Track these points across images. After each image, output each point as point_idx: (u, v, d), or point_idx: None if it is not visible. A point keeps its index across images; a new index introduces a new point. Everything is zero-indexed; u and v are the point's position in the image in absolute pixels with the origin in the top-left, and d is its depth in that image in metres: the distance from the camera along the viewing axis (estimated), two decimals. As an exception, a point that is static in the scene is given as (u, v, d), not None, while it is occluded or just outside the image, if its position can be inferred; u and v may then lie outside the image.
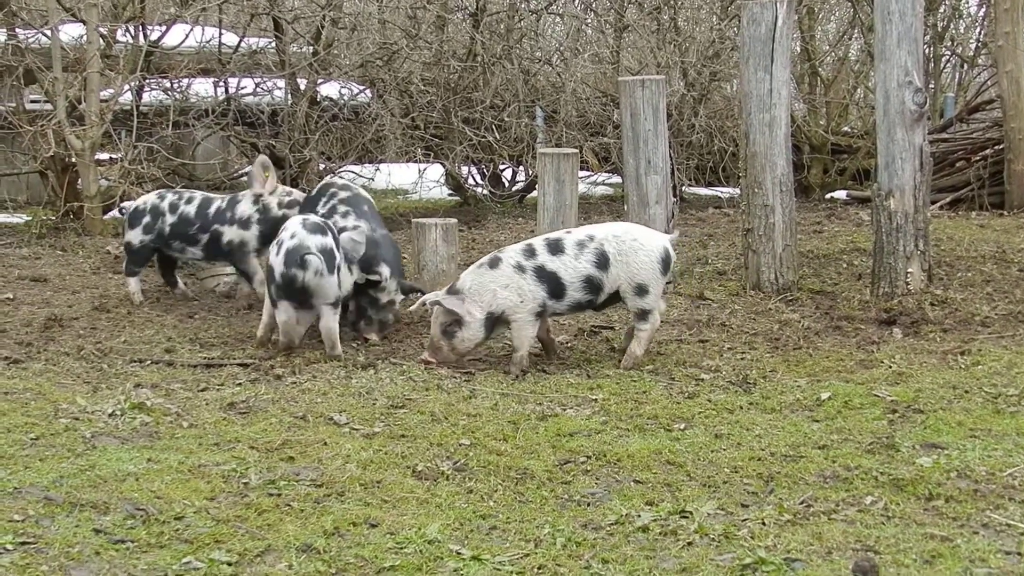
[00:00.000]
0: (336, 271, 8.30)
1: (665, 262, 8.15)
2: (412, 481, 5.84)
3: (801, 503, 5.57)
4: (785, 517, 5.38)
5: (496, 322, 8.04)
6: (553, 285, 8.04)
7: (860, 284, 10.30)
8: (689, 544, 5.10)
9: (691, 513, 5.40)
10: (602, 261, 8.06)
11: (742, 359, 8.24)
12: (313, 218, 8.52)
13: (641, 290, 8.09)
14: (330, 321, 8.35)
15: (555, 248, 8.13)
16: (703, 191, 17.07)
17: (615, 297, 8.18)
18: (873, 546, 5.08)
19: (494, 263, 8.07)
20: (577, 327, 9.08)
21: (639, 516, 5.38)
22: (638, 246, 8.11)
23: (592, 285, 8.07)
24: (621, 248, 8.09)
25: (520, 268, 8.04)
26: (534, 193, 14.17)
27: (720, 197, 16.45)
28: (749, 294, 10.00)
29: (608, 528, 5.29)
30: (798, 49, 17.05)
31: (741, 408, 7.11)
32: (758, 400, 7.28)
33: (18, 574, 4.71)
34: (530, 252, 8.12)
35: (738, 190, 13.01)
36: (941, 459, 6.14)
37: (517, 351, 8.07)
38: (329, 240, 8.28)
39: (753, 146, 10.07)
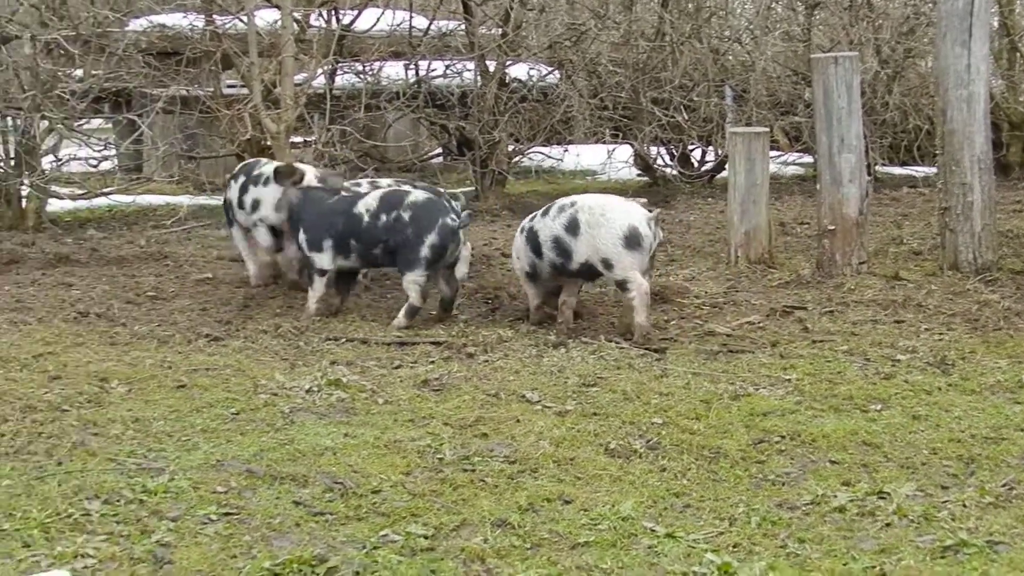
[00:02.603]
0: None
1: (629, 239, 8.16)
2: (605, 459, 5.84)
3: (1003, 486, 5.43)
4: (987, 499, 5.26)
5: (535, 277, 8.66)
6: (534, 244, 8.50)
7: (1063, 264, 10.02)
8: (887, 525, 5.01)
9: (889, 494, 5.30)
10: (572, 226, 8.31)
11: (940, 340, 8.07)
12: None
13: (606, 264, 8.23)
14: None
15: (546, 210, 8.59)
16: (897, 170, 16.75)
17: (593, 270, 8.34)
18: (1080, 530, 4.95)
19: (521, 228, 8.74)
20: (769, 307, 8.98)
21: (835, 496, 5.31)
22: (603, 220, 8.21)
23: (560, 248, 8.35)
24: (590, 220, 8.26)
25: (522, 231, 8.72)
26: (724, 173, 14.09)
27: (915, 176, 16.13)
28: (946, 274, 9.78)
29: (803, 508, 5.23)
30: (996, 24, 16.60)
31: (939, 389, 6.96)
32: (957, 381, 7.12)
33: (222, 543, 4.83)
34: (534, 216, 8.66)
35: (934, 169, 12.74)
36: None
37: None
38: None
39: (950, 123, 9.84)
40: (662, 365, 7.56)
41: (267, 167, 9.76)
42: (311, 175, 9.40)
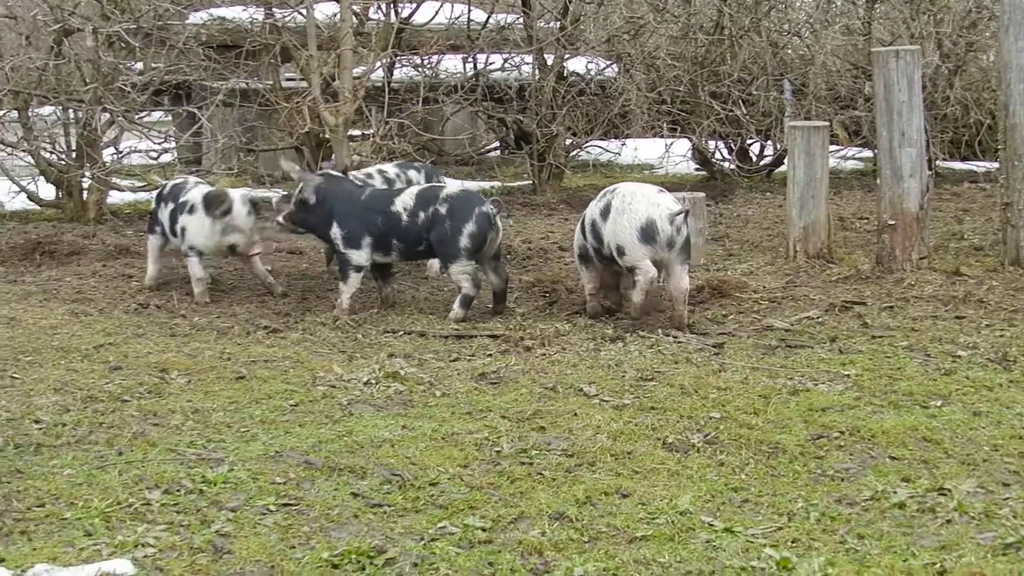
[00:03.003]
0: None
1: (645, 231, 8.19)
2: (663, 453, 5.82)
3: (1066, 483, 5.39)
4: (1049, 497, 5.21)
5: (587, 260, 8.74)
6: (582, 225, 8.71)
7: None
8: (948, 522, 4.97)
9: (950, 491, 5.26)
10: (605, 211, 8.45)
11: (1001, 336, 7.99)
12: None
13: (620, 251, 8.32)
14: None
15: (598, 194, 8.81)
16: (958, 165, 16.59)
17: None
18: None
19: None
20: (828, 302, 8.93)
21: (895, 492, 5.27)
22: (627, 208, 8.30)
23: (595, 231, 8.51)
24: (619, 206, 8.35)
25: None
26: (782, 167, 14.01)
27: (976, 171, 15.96)
28: (1008, 270, 9.68)
29: (863, 504, 5.20)
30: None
31: (1001, 386, 6.89)
32: (1018, 378, 7.04)
33: (281, 533, 4.86)
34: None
35: (995, 164, 12.63)
36: None
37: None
38: None
39: (1012, 118, 9.73)
40: (720, 360, 7.54)
41: (194, 191, 9.59)
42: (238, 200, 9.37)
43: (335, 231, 8.90)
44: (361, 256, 8.86)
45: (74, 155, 13.04)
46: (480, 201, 8.72)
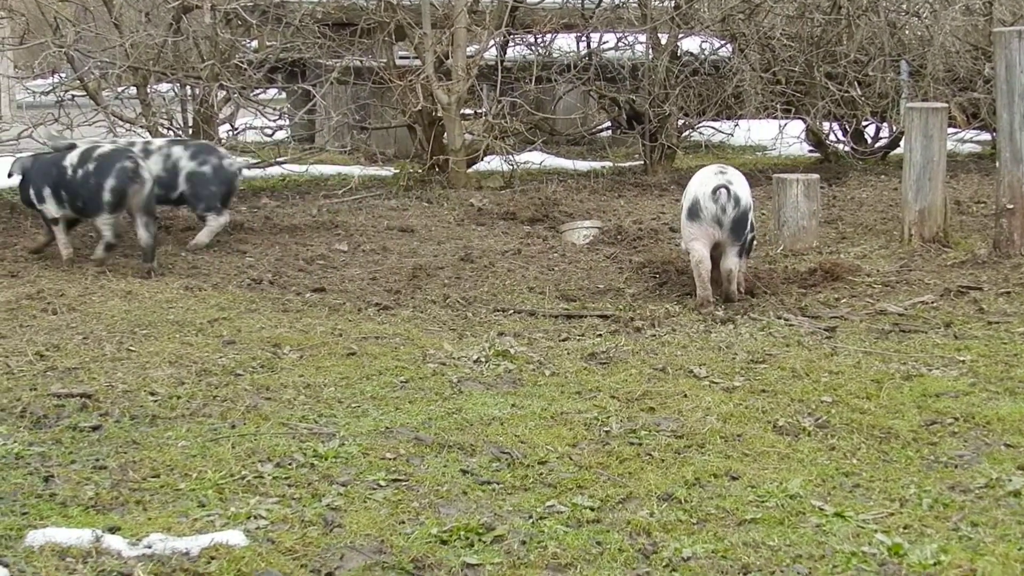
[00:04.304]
0: None
1: (691, 210, 8.43)
2: (773, 436, 5.79)
3: None
4: None
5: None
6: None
7: None
8: (1066, 512, 4.90)
9: (1067, 480, 5.18)
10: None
11: (1122, 323, 7.84)
12: None
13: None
14: None
15: None
16: (1079, 149, 16.25)
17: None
18: None
19: None
20: (943, 287, 8.81)
21: (1010, 480, 5.19)
22: (685, 192, 8.70)
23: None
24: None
25: None
26: (898, 150, 13.81)
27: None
28: None
29: (977, 491, 5.12)
30: None
31: (1122, 374, 6.77)
32: None
33: (391, 509, 4.89)
34: None
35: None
36: None
37: None
38: None
39: None
40: (832, 343, 7.47)
41: None
42: None
43: (31, 193, 9.65)
44: (49, 208, 9.59)
45: (191, 131, 13.20)
46: (123, 158, 9.36)
